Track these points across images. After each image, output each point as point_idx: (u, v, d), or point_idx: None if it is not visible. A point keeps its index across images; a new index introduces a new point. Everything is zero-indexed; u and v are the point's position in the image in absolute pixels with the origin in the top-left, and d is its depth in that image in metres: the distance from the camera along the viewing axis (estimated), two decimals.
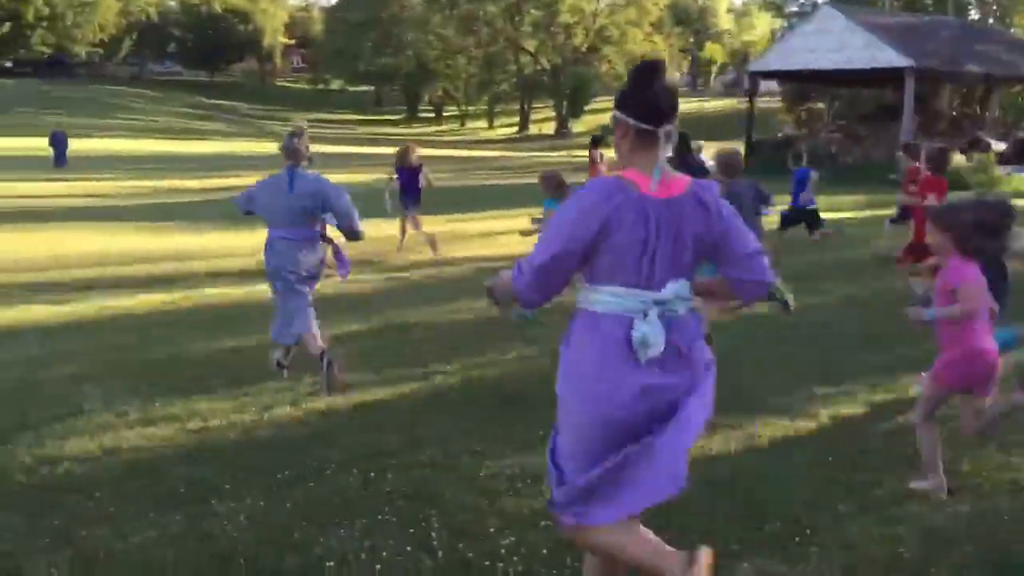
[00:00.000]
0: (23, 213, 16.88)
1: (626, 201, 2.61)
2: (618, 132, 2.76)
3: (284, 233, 6.02)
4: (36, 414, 5.67)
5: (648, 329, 2.61)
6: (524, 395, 6.12)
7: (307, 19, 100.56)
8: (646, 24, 69.00)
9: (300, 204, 5.96)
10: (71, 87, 73.56)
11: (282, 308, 6.20)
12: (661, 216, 2.64)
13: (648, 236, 2.62)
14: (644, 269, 2.64)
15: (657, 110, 2.68)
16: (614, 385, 2.65)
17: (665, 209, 2.64)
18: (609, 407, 2.67)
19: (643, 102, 2.69)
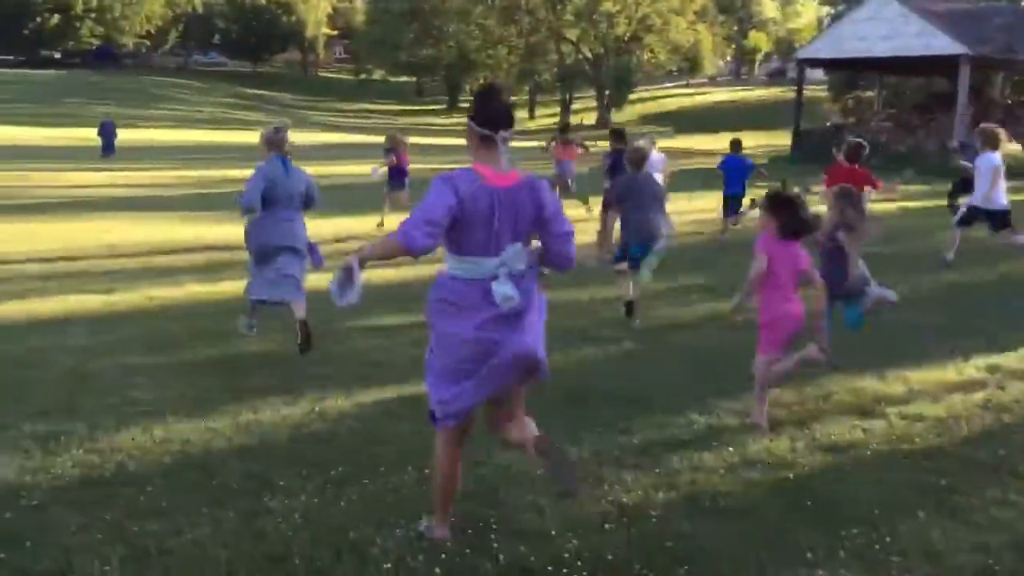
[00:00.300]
0: (72, 202, 17.05)
1: (476, 187, 3.43)
2: (469, 136, 3.58)
3: (286, 214, 6.67)
4: (87, 405, 5.63)
5: (504, 288, 3.43)
6: (586, 392, 5.97)
7: (350, 10, 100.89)
8: (690, 12, 68.12)
9: (296, 188, 6.70)
10: (118, 78, 74.62)
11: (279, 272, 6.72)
12: (501, 199, 3.46)
13: (492, 213, 3.44)
14: (491, 239, 3.46)
15: (495, 121, 3.50)
16: (476, 321, 3.48)
17: (504, 194, 3.47)
18: (470, 336, 3.50)
19: (484, 115, 3.52)
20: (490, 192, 3.44)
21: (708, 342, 7.39)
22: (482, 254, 3.47)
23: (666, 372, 6.50)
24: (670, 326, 7.90)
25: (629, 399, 5.82)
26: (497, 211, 3.43)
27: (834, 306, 5.89)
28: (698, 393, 5.92)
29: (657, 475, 4.52)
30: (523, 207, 3.50)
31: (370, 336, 7.47)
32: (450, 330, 3.55)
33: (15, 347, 7.00)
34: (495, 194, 3.45)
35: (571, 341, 7.29)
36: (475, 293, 3.48)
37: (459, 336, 3.52)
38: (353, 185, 19.66)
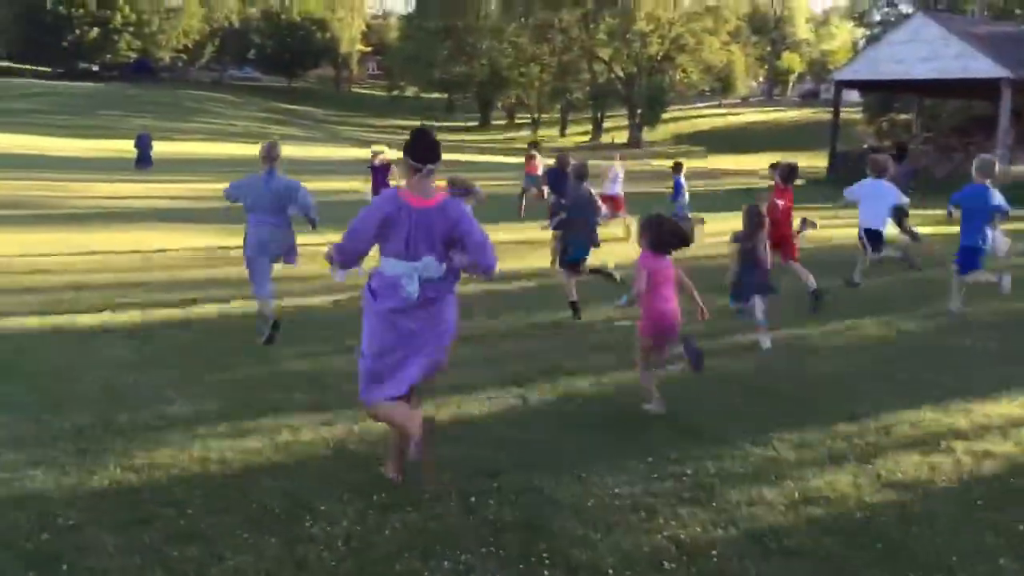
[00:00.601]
0: (108, 213, 17.11)
1: (399, 207, 4.30)
2: (404, 166, 4.40)
3: (267, 218, 7.61)
4: (123, 420, 5.51)
5: (411, 285, 4.30)
6: (630, 418, 5.78)
7: (384, 26, 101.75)
8: (723, 33, 67.93)
9: (276, 196, 7.59)
10: (155, 91, 75.52)
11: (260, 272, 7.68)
12: (418, 218, 4.29)
13: (409, 228, 4.28)
14: (409, 248, 4.30)
15: (424, 157, 4.33)
16: (393, 312, 4.33)
17: (421, 214, 4.29)
18: (390, 325, 4.35)
19: (417, 152, 4.34)
20: (409, 212, 4.31)
21: (750, 367, 7.16)
22: (401, 259, 4.34)
23: (712, 399, 6.28)
24: (709, 351, 7.66)
25: (677, 427, 5.62)
26: (413, 225, 4.30)
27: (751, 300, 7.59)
28: (749, 421, 5.71)
29: (715, 510, 4.31)
30: (436, 224, 4.32)
31: None
32: (375, 308, 4.42)
33: (51, 359, 6.91)
34: (413, 213, 4.30)
35: (607, 363, 7.10)
36: (391, 286, 4.36)
37: (376, 315, 4.41)
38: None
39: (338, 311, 8.96)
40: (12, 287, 9.76)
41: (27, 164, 28.11)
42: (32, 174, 24.69)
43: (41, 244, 12.81)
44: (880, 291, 10.54)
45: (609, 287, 9.33)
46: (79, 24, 78.13)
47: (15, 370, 6.59)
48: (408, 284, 4.30)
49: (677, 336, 5.97)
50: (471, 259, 4.38)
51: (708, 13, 68.40)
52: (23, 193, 20.21)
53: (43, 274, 10.57)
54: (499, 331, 8.21)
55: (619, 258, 11.41)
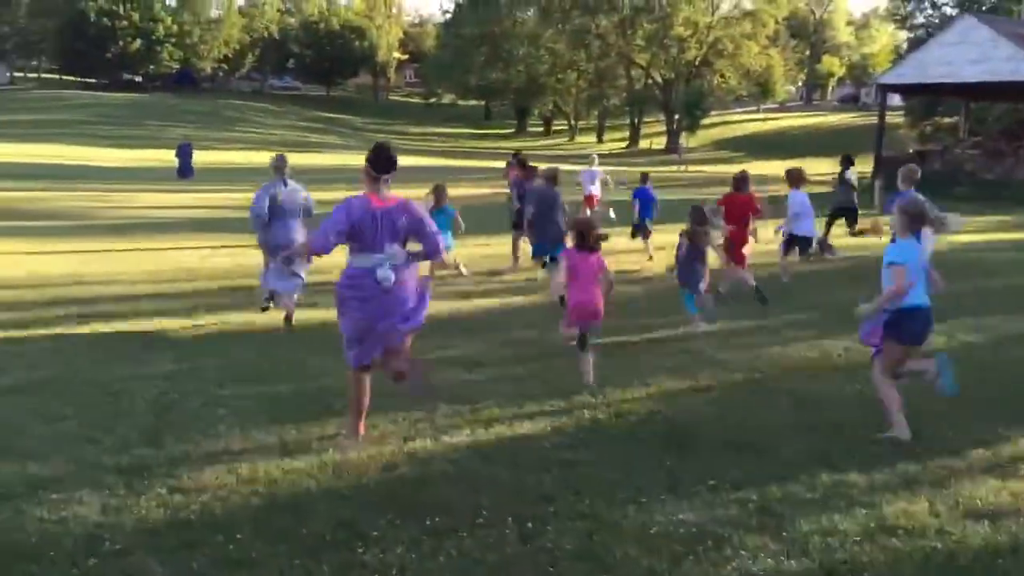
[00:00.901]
0: (151, 223, 17.22)
1: (365, 208, 5.11)
2: (366, 174, 5.20)
3: (279, 220, 8.57)
4: (170, 439, 5.42)
5: (384, 272, 5.07)
6: (687, 435, 5.57)
7: (421, 34, 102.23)
8: (762, 37, 67.29)
9: (292, 202, 8.66)
10: (196, 101, 76.52)
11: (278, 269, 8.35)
12: (382, 216, 5.11)
13: (375, 224, 5.09)
14: (375, 242, 5.09)
15: (384, 168, 5.17)
16: (367, 296, 5.13)
17: (382, 212, 5.12)
18: (364, 306, 5.15)
19: (376, 162, 5.18)
20: (373, 211, 5.13)
21: (811, 384, 6.90)
22: (370, 251, 5.13)
23: (772, 417, 6.05)
24: (767, 366, 7.43)
25: (736, 447, 5.40)
26: (378, 223, 5.12)
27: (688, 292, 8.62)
28: (812, 442, 5.48)
29: (785, 540, 4.09)
30: (397, 220, 5.17)
31: (460, 368, 7.17)
32: (347, 296, 5.23)
33: (98, 374, 6.86)
34: (376, 212, 5.13)
35: (656, 379, 6.89)
36: (366, 276, 5.14)
37: (353, 302, 5.21)
38: None
39: None
40: (58, 299, 9.78)
41: (71, 175, 28.52)
42: (75, 184, 25.03)
43: (85, 255, 12.89)
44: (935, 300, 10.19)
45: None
46: (123, 36, 79.46)
47: (65, 385, 6.54)
48: (382, 272, 5.09)
49: (599, 322, 6.75)
50: (425, 247, 5.35)
51: (746, 17, 67.85)
52: (67, 204, 20.45)
53: (88, 286, 10.60)
54: (544, 346, 8.03)
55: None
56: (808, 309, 9.89)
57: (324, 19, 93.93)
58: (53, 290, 10.28)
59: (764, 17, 67.51)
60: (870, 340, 5.65)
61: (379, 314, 5.15)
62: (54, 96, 73.36)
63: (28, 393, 6.31)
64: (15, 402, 6.10)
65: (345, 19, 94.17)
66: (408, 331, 5.33)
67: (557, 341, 8.14)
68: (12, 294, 9.97)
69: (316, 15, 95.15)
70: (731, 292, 10.08)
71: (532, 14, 74.12)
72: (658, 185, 16.94)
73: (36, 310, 9.17)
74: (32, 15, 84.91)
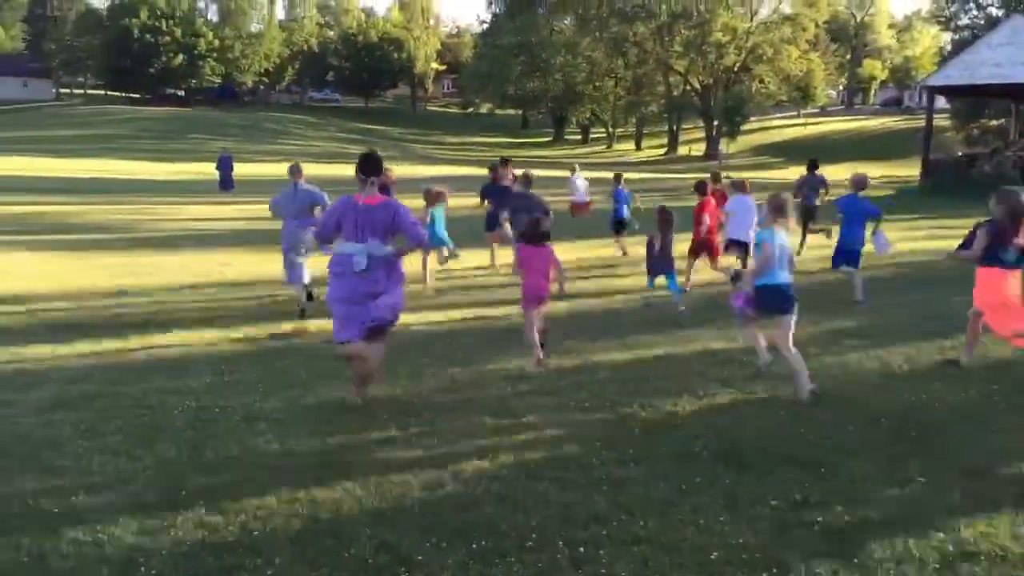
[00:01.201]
0: (194, 236, 17.26)
1: (350, 206, 6.10)
2: (357, 177, 6.14)
3: (295, 221, 9.53)
4: (209, 456, 5.29)
5: (358, 258, 5.99)
6: (743, 450, 5.31)
7: (458, 44, 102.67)
8: (802, 41, 66.44)
9: (302, 204, 9.57)
10: (238, 114, 77.44)
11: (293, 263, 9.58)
12: (364, 212, 6.04)
13: (357, 219, 6.02)
14: (357, 234, 6.03)
15: (370, 172, 6.13)
16: (348, 279, 6.05)
17: (366, 210, 6.05)
18: (344, 285, 6.07)
19: (365, 168, 6.13)
20: (357, 208, 6.10)
21: (873, 396, 6.59)
22: (352, 240, 6.09)
23: (834, 430, 5.75)
24: (825, 376, 7.13)
25: (798, 463, 5.13)
26: (361, 218, 6.06)
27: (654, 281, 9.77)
28: (879, 458, 5.20)
29: (857, 567, 3.83)
30: (379, 216, 6.07)
31: (506, 381, 6.97)
32: (331, 272, 6.21)
33: (137, 387, 6.77)
34: (360, 209, 6.09)
35: (712, 389, 6.63)
36: (346, 260, 6.08)
37: (333, 278, 6.19)
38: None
39: (416, 328, 8.72)
40: (100, 312, 9.76)
41: (115, 188, 28.86)
42: (120, 198, 25.29)
43: (129, 268, 12.91)
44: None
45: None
46: (166, 51, 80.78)
47: (105, 399, 6.45)
48: (358, 257, 6.01)
49: (546, 301, 7.64)
50: (408, 237, 6.17)
51: (786, 22, 67.05)
52: (112, 217, 20.62)
53: (130, 298, 10.57)
54: (593, 356, 7.80)
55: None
56: (860, 315, 9.56)
57: (363, 32, 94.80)
58: (95, 302, 10.27)
59: (804, 21, 66.65)
60: (737, 301, 6.97)
61: (354, 292, 6.05)
62: (99, 111, 74.71)
63: (68, 408, 6.22)
64: (55, 418, 6.01)
65: (383, 31, 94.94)
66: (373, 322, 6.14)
67: (600, 352, 7.92)
68: (54, 307, 9.97)
69: (355, 28, 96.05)
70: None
71: (569, 23, 74.00)
72: None
73: (78, 323, 9.14)
74: (78, 33, 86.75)
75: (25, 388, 6.70)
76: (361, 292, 6.03)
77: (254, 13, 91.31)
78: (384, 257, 6.07)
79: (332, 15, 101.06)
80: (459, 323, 9.41)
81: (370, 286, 6.04)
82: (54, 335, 8.50)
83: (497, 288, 11.38)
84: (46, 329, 8.82)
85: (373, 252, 6.01)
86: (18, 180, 30.02)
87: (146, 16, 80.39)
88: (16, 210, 21.02)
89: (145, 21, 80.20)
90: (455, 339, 8.57)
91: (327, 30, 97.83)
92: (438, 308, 10.10)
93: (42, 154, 44.55)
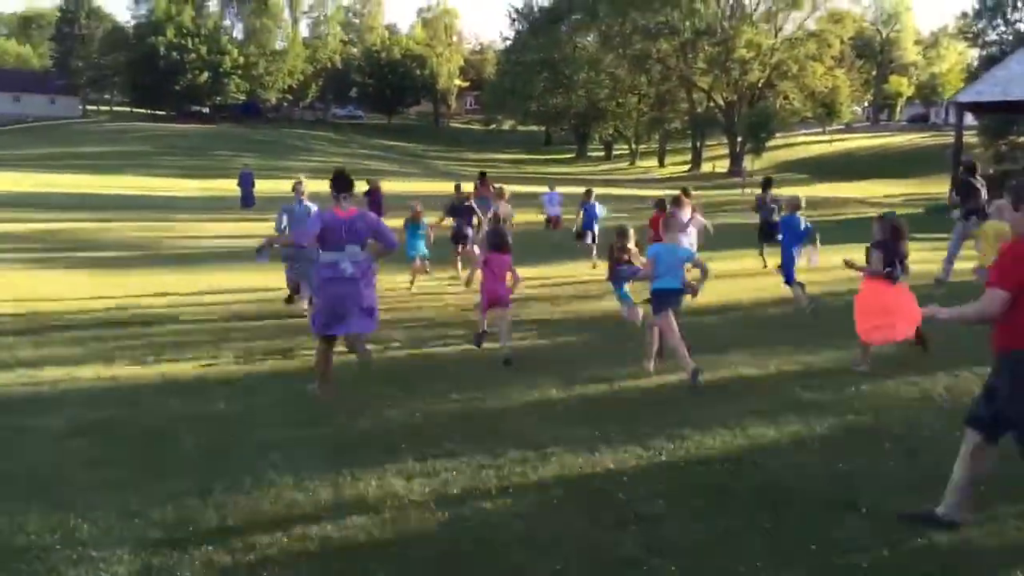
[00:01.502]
0: (214, 255, 17.18)
1: (332, 218, 6.87)
2: (332, 194, 7.01)
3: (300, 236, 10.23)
4: (220, 487, 5.07)
5: (344, 264, 6.82)
6: (781, 488, 5.02)
7: (481, 61, 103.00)
8: (827, 58, 65.97)
9: (302, 218, 10.34)
10: (261, 131, 77.92)
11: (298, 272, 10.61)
12: (344, 223, 6.85)
13: (338, 229, 6.82)
14: (340, 242, 6.82)
15: (342, 189, 6.95)
16: (334, 283, 6.85)
17: (345, 220, 6.86)
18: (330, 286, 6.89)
19: (338, 186, 6.96)
20: (338, 219, 6.87)
21: (914, 429, 6.26)
22: (335, 250, 6.85)
23: (876, 467, 5.45)
24: (862, 407, 6.82)
25: (840, 503, 4.83)
26: (342, 228, 6.83)
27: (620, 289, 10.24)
28: (925, 498, 4.87)
29: None
30: (357, 226, 6.91)
31: (528, 409, 6.73)
32: (323, 277, 6.96)
33: (151, 414, 6.59)
34: (341, 221, 6.86)
35: (745, 420, 6.33)
36: (332, 267, 6.84)
37: (323, 284, 6.94)
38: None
39: (440, 353, 8.50)
40: (120, 333, 9.62)
41: (138, 205, 28.96)
42: (142, 214, 25.34)
43: (148, 286, 12.80)
44: None
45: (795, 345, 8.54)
46: (191, 68, 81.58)
47: (115, 426, 6.29)
48: (343, 264, 6.83)
49: (506, 304, 8.57)
50: (383, 242, 7.06)
51: (811, 38, 66.62)
52: (132, 234, 20.63)
53: (149, 318, 10.43)
54: (619, 381, 7.54)
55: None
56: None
57: (386, 48, 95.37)
58: (113, 321, 10.14)
59: (829, 38, 66.18)
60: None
61: (342, 296, 6.84)
62: (125, 128, 75.45)
63: (80, 435, 6.05)
64: (62, 445, 5.84)
65: (406, 48, 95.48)
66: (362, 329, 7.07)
67: (627, 378, 7.66)
68: (73, 326, 9.84)
69: (378, 45, 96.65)
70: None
71: (592, 39, 73.96)
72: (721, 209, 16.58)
73: (93, 344, 9.00)
74: (105, 51, 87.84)
75: (39, 414, 6.54)
76: (347, 305, 6.86)
77: (278, 31, 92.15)
78: (362, 261, 6.94)
79: (356, 32, 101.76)
80: (474, 348, 9.16)
81: (355, 294, 6.88)
82: (71, 356, 8.36)
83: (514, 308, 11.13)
84: (64, 349, 8.69)
85: (354, 257, 6.87)
86: (40, 197, 30.20)
87: (172, 34, 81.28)
88: (39, 227, 21.08)
89: (171, 39, 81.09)
90: (473, 363, 8.33)
91: (350, 47, 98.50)
92: (456, 327, 9.87)
93: (68, 170, 44.96)
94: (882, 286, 7.89)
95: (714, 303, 11.32)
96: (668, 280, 7.71)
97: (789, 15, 67.69)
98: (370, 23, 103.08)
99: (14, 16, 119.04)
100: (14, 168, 44.67)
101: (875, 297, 7.90)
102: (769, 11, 67.41)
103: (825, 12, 68.72)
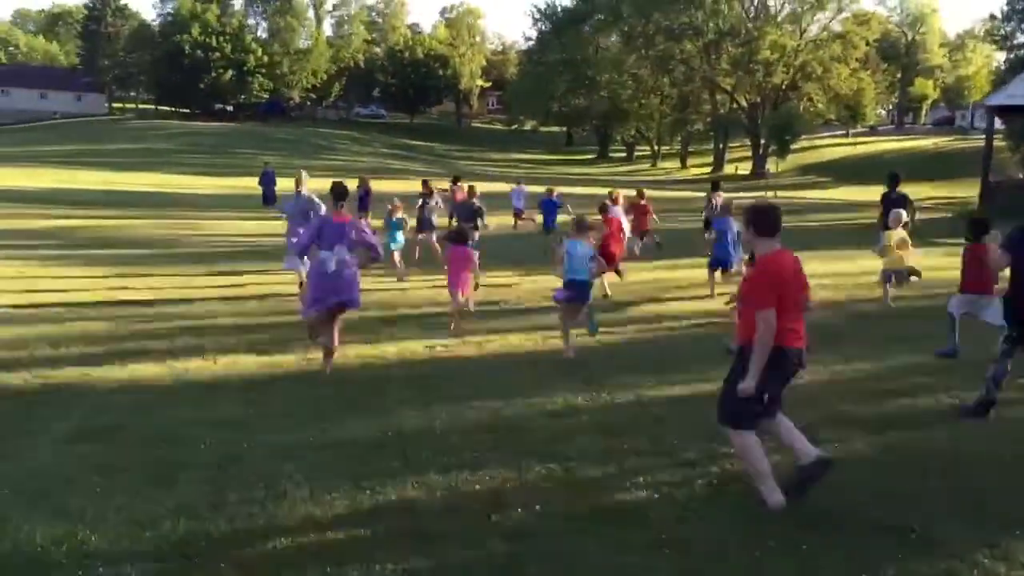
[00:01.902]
0: (235, 253, 17.07)
1: (327, 222, 7.99)
2: (329, 202, 8.35)
3: (297, 222, 11.15)
4: (233, 498, 4.88)
5: (328, 261, 7.73)
6: (821, 510, 4.75)
7: (504, 62, 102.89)
8: (852, 60, 65.31)
9: (302, 209, 11.42)
10: (285, 130, 78.12)
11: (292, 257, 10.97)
12: (336, 227, 7.85)
13: (331, 232, 7.82)
14: (331, 242, 7.76)
15: (339, 199, 8.09)
16: (324, 272, 7.73)
17: (338, 225, 7.86)
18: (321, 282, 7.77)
19: (335, 196, 8.10)
20: (332, 224, 7.82)
21: (956, 445, 5.99)
22: (327, 249, 7.69)
23: (918, 487, 5.17)
24: (900, 421, 6.55)
25: (885, 526, 4.57)
26: (333, 231, 7.73)
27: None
28: (974, 521, 4.63)
29: None
30: (346, 230, 7.74)
31: (552, 418, 6.51)
32: (314, 273, 7.88)
33: (163, 417, 6.42)
34: (335, 225, 7.79)
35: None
36: (324, 262, 7.66)
37: (316, 276, 7.79)
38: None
39: (458, 354, 8.30)
40: (136, 332, 9.49)
41: (161, 202, 28.98)
42: (165, 212, 25.32)
43: (167, 284, 12.69)
44: None
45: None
46: (216, 67, 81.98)
47: (128, 431, 6.12)
48: (329, 262, 7.64)
49: (468, 290, 10.26)
50: (367, 250, 7.88)
51: (836, 40, 65.99)
52: (154, 231, 20.57)
53: (166, 316, 10.29)
54: (647, 391, 7.30)
55: None
56: (926, 350, 8.87)
57: (409, 48, 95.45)
58: (130, 320, 10.00)
59: (854, 39, 65.53)
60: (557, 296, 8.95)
61: (331, 287, 7.68)
62: (149, 126, 75.86)
63: (90, 440, 5.88)
64: (73, 450, 5.68)
65: (429, 48, 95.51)
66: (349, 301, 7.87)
67: (656, 387, 7.42)
68: (89, 325, 9.71)
69: (401, 44, 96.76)
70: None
71: (615, 40, 73.64)
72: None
73: (111, 343, 8.87)
74: (131, 49, 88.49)
75: (49, 418, 6.38)
76: (339, 286, 7.71)
77: (302, 30, 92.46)
78: (347, 261, 7.75)
79: (379, 32, 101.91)
80: (495, 352, 8.94)
81: (346, 283, 7.74)
82: (86, 356, 8.22)
83: (532, 314, 10.88)
84: (79, 349, 8.54)
85: (340, 256, 7.70)
86: (63, 193, 30.29)
87: (197, 32, 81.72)
88: (60, 223, 21.07)
89: (196, 37, 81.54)
90: (493, 368, 8.13)
91: (374, 47, 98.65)
92: (472, 334, 9.65)
93: (92, 167, 45.14)
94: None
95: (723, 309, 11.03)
96: (579, 272, 8.67)
97: (814, 16, 67.10)
98: (393, 23, 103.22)
99: (42, 13, 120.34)
100: (39, 164, 44.93)
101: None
102: (794, 12, 66.85)
103: (850, 14, 68.05)
